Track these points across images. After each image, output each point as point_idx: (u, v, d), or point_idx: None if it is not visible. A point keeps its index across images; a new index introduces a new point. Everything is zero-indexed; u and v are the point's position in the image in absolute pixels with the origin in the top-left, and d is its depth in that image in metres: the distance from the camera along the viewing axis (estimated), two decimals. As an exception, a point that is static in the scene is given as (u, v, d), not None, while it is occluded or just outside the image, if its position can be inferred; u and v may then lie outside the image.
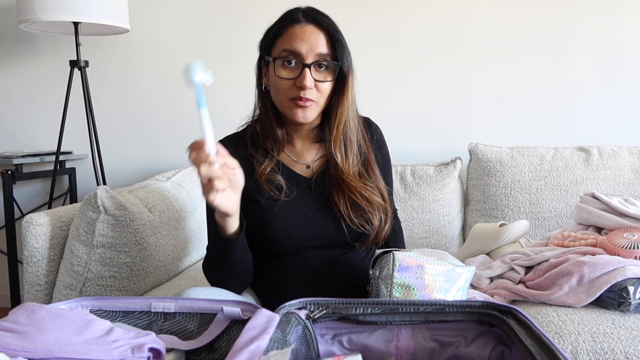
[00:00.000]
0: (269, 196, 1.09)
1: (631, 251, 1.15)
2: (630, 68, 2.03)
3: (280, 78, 1.03)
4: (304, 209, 1.10)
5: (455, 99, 2.11)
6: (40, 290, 1.39)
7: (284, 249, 1.09)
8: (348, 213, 1.08)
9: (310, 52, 1.02)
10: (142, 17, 2.20)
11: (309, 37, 1.02)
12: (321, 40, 1.03)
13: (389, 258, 0.92)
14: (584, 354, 0.98)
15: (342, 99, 1.09)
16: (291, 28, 1.04)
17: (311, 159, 1.16)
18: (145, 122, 2.28)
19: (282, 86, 1.04)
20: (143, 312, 0.74)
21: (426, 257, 0.92)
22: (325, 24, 1.04)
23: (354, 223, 1.08)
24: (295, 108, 1.05)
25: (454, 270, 0.91)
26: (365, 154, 1.16)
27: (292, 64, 1.03)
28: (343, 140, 1.11)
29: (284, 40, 1.04)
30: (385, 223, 1.12)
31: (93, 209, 1.32)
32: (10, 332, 0.60)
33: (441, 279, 0.90)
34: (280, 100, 1.07)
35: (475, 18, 2.07)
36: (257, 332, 0.60)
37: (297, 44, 1.02)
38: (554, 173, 1.79)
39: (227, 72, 2.18)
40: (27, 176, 2.17)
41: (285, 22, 1.05)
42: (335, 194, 1.09)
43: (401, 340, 0.70)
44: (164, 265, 1.50)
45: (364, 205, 1.09)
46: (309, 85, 1.02)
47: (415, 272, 0.89)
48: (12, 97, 2.34)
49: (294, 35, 1.03)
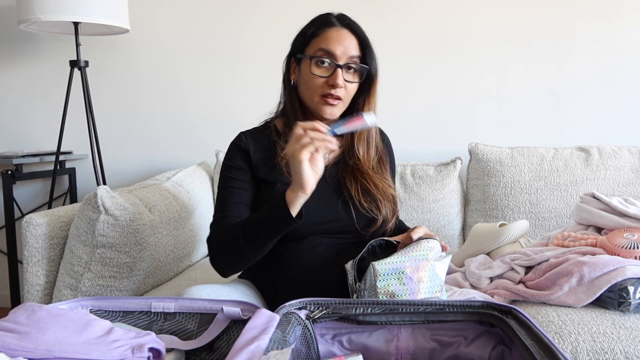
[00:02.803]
0: (286, 181, 1.11)
1: (631, 251, 1.15)
2: (630, 68, 2.03)
3: (314, 75, 1.10)
4: (315, 194, 1.12)
5: (456, 99, 2.11)
6: (40, 290, 1.39)
7: (292, 233, 1.10)
8: (359, 198, 1.14)
9: (343, 54, 1.10)
10: (142, 17, 2.20)
11: (343, 40, 1.10)
12: (354, 44, 1.11)
13: (370, 269, 0.94)
14: (584, 354, 0.98)
15: (369, 100, 1.18)
16: (328, 30, 1.11)
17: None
18: (145, 122, 2.28)
19: (315, 83, 1.11)
20: (143, 312, 0.74)
21: (404, 258, 0.93)
22: (358, 30, 1.13)
23: (364, 207, 1.13)
24: (324, 105, 1.12)
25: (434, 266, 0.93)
26: (380, 154, 1.24)
27: (326, 64, 1.10)
28: (367, 138, 1.20)
29: (320, 41, 1.11)
30: (392, 215, 1.18)
31: (93, 209, 1.32)
32: (11, 332, 0.60)
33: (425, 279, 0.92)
34: (310, 96, 1.13)
35: (475, 19, 2.07)
36: (257, 332, 0.60)
37: (333, 46, 1.10)
38: (554, 173, 1.79)
39: (227, 71, 2.19)
40: (27, 176, 2.16)
41: (321, 24, 1.13)
42: (348, 180, 1.16)
43: (401, 340, 0.70)
44: (164, 265, 1.50)
45: (374, 192, 1.15)
46: (340, 84, 1.09)
47: (397, 279, 0.91)
48: (13, 97, 2.34)
49: (330, 37, 1.10)
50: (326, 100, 1.11)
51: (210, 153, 2.14)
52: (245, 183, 1.14)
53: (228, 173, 1.16)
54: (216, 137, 2.20)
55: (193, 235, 1.68)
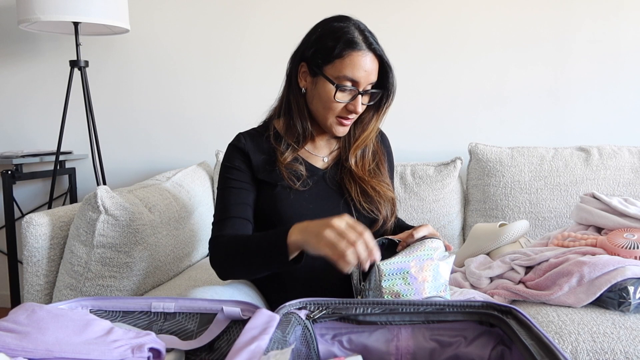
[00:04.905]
0: (287, 185, 1.12)
1: (631, 251, 1.15)
2: (630, 68, 2.03)
3: (336, 101, 1.08)
4: (316, 197, 1.14)
5: (456, 99, 2.11)
6: (40, 290, 1.39)
7: None
8: (359, 199, 1.14)
9: (366, 81, 1.08)
10: (142, 17, 2.20)
11: (369, 67, 1.06)
12: (375, 70, 1.09)
13: (375, 269, 0.93)
14: (584, 354, 0.98)
15: (376, 117, 1.18)
16: (354, 55, 1.05)
17: (328, 152, 1.22)
18: (145, 122, 2.28)
19: (334, 107, 1.09)
20: (143, 312, 0.74)
21: (409, 258, 0.93)
22: (382, 53, 1.09)
23: (364, 208, 1.13)
24: (338, 125, 1.12)
25: (438, 266, 0.94)
26: (378, 160, 1.23)
27: (347, 90, 1.07)
28: (362, 150, 1.19)
29: (345, 66, 1.05)
30: (391, 215, 1.18)
31: (93, 209, 1.32)
32: (10, 332, 0.60)
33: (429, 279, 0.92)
34: (325, 115, 1.11)
35: (475, 19, 2.07)
36: (257, 332, 0.60)
37: (358, 73, 1.05)
38: (554, 173, 1.79)
39: (227, 71, 2.19)
40: (27, 176, 2.16)
41: (347, 45, 1.05)
42: (347, 181, 1.16)
43: (401, 340, 0.70)
44: (164, 265, 1.50)
45: (373, 194, 1.15)
46: (360, 112, 1.10)
47: (401, 278, 0.91)
48: (12, 97, 2.34)
49: (357, 64, 1.05)
50: (341, 121, 1.11)
51: (210, 153, 2.14)
52: (245, 183, 1.13)
53: (228, 174, 1.14)
54: (216, 137, 2.20)
55: (193, 235, 1.68)
